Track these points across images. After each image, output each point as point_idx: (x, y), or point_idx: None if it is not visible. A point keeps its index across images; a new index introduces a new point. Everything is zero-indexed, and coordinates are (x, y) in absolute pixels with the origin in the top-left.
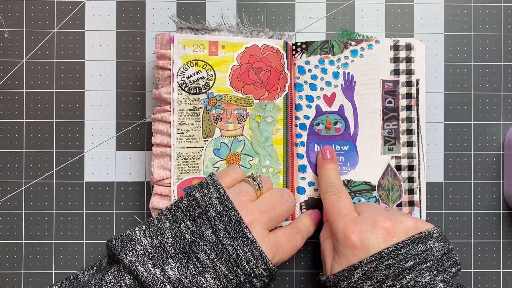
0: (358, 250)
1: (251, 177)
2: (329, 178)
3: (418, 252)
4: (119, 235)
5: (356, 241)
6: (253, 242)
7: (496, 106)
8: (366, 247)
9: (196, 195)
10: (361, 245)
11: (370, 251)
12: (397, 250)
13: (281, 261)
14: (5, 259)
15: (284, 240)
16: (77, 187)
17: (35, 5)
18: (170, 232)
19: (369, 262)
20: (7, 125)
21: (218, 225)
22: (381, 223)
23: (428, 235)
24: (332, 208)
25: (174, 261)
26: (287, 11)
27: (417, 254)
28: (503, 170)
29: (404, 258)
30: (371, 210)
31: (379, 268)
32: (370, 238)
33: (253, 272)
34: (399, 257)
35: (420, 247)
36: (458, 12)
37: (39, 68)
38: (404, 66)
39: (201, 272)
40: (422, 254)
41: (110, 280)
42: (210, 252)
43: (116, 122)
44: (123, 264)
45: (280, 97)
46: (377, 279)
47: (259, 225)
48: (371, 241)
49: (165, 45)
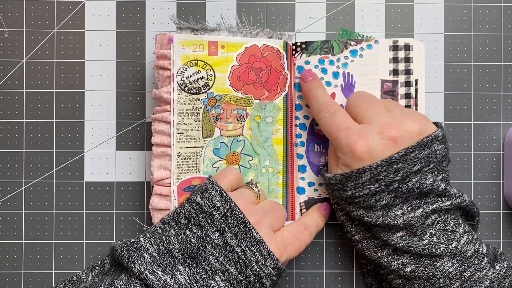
0: (365, 162)
1: (252, 183)
2: (318, 97)
3: (424, 155)
4: (123, 243)
5: (363, 154)
6: (261, 241)
7: (496, 106)
8: (374, 158)
9: (198, 199)
10: (369, 157)
11: (377, 160)
12: (406, 154)
13: (289, 259)
14: (5, 259)
15: (292, 237)
16: (77, 187)
17: (35, 5)
18: (176, 238)
19: (379, 166)
20: (7, 125)
21: (224, 227)
22: (388, 132)
23: (434, 138)
24: (330, 125)
25: (183, 266)
26: (287, 11)
27: (423, 158)
28: (503, 170)
29: (411, 162)
30: (373, 113)
31: (388, 172)
32: (377, 150)
33: (263, 271)
34: (407, 161)
35: (426, 151)
36: (458, 12)
37: (39, 68)
38: (403, 66)
39: (211, 276)
40: (427, 157)
41: (121, 286)
42: (218, 255)
43: (116, 122)
44: (133, 272)
45: (280, 97)
46: (385, 182)
47: (264, 225)
48: (379, 153)
49: (164, 45)
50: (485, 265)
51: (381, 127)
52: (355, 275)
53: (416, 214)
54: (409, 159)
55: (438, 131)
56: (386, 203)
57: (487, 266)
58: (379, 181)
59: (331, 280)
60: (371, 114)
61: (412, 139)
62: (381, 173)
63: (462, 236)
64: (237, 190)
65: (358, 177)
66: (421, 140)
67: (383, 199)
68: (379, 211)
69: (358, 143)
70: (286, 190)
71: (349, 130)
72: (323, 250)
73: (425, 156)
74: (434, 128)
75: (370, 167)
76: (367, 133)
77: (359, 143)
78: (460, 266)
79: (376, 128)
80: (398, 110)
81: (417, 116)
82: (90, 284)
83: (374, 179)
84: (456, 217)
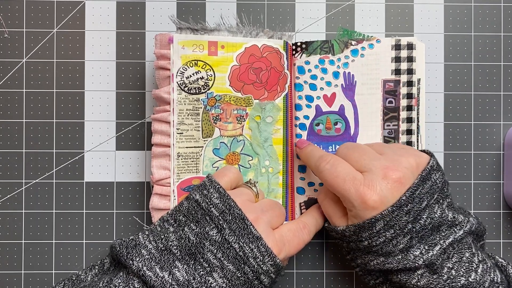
0: (378, 210)
1: (250, 183)
2: (314, 154)
3: (427, 189)
4: (122, 240)
5: (375, 203)
6: (259, 238)
7: (496, 106)
8: (386, 204)
9: (196, 197)
10: (381, 205)
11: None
12: (413, 193)
13: (288, 256)
14: (5, 259)
15: (290, 235)
16: (77, 187)
17: (35, 5)
18: (174, 235)
19: (390, 213)
20: (7, 125)
21: (222, 224)
22: (392, 175)
23: (431, 169)
24: (333, 177)
25: (181, 263)
26: (287, 11)
27: (427, 192)
28: (503, 170)
29: (419, 200)
30: (368, 161)
31: (400, 216)
32: (387, 195)
33: (261, 268)
34: (415, 200)
35: (428, 184)
36: (458, 12)
37: (39, 68)
38: (405, 66)
39: (209, 272)
40: (430, 190)
41: (119, 284)
42: (216, 252)
43: (116, 122)
44: (131, 269)
45: (280, 97)
46: (399, 226)
47: (262, 222)
48: (389, 198)
49: (164, 45)
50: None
51: (382, 172)
52: (355, 275)
53: (435, 252)
54: (416, 197)
55: (432, 160)
56: (403, 247)
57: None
58: (393, 226)
59: (331, 280)
60: (367, 162)
61: (413, 173)
62: (393, 219)
63: (478, 266)
64: (236, 188)
65: (372, 226)
66: (421, 175)
67: (400, 243)
68: (398, 255)
69: (368, 193)
70: (286, 190)
71: (356, 181)
72: (323, 250)
73: (428, 190)
74: (427, 158)
75: (382, 215)
76: (372, 181)
77: (369, 194)
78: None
79: (379, 175)
80: (388, 150)
81: (408, 151)
82: (90, 283)
83: (388, 226)
84: (469, 247)
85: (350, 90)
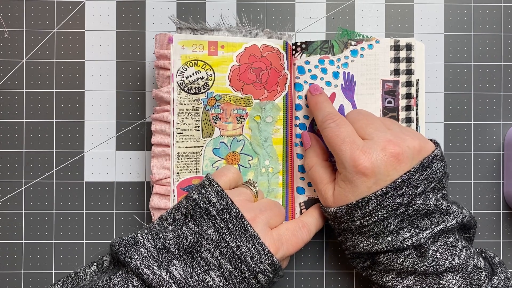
0: (368, 178)
1: (250, 183)
2: (324, 108)
3: (426, 176)
4: (121, 239)
5: (366, 170)
6: (256, 237)
7: (496, 106)
8: (376, 174)
9: (195, 196)
10: (371, 173)
11: (380, 178)
12: (410, 177)
13: (286, 256)
14: (5, 259)
15: (288, 234)
16: (77, 187)
17: (35, 5)
18: (172, 234)
19: (384, 193)
20: (7, 125)
21: (219, 223)
22: (390, 149)
23: (434, 157)
24: (334, 136)
25: (178, 261)
26: (287, 11)
27: (425, 179)
28: (503, 170)
29: (415, 184)
30: (373, 130)
31: (393, 197)
32: (380, 166)
33: (258, 267)
34: (411, 184)
35: (427, 171)
36: (458, 12)
37: (39, 68)
38: (404, 66)
39: (206, 271)
40: (429, 178)
41: (118, 282)
42: (213, 251)
43: (116, 122)
44: (129, 268)
45: (280, 97)
46: (391, 207)
47: (260, 221)
48: (382, 169)
49: (164, 45)
50: (484, 279)
51: (383, 143)
52: (355, 275)
53: (425, 235)
54: (413, 182)
55: (437, 150)
56: (394, 228)
57: (485, 281)
58: (385, 207)
59: (331, 280)
60: (372, 131)
61: (413, 155)
62: (387, 199)
63: (461, 251)
64: (235, 188)
65: (365, 205)
66: (422, 161)
67: (391, 224)
68: (388, 237)
69: (362, 158)
70: (286, 190)
71: (354, 144)
72: (323, 250)
73: (427, 177)
74: (433, 146)
75: (375, 194)
76: (370, 149)
77: (362, 159)
78: (464, 282)
79: (379, 144)
80: (397, 127)
81: (416, 134)
82: (89, 282)
83: (380, 206)
84: (453, 233)
85: (349, 90)
